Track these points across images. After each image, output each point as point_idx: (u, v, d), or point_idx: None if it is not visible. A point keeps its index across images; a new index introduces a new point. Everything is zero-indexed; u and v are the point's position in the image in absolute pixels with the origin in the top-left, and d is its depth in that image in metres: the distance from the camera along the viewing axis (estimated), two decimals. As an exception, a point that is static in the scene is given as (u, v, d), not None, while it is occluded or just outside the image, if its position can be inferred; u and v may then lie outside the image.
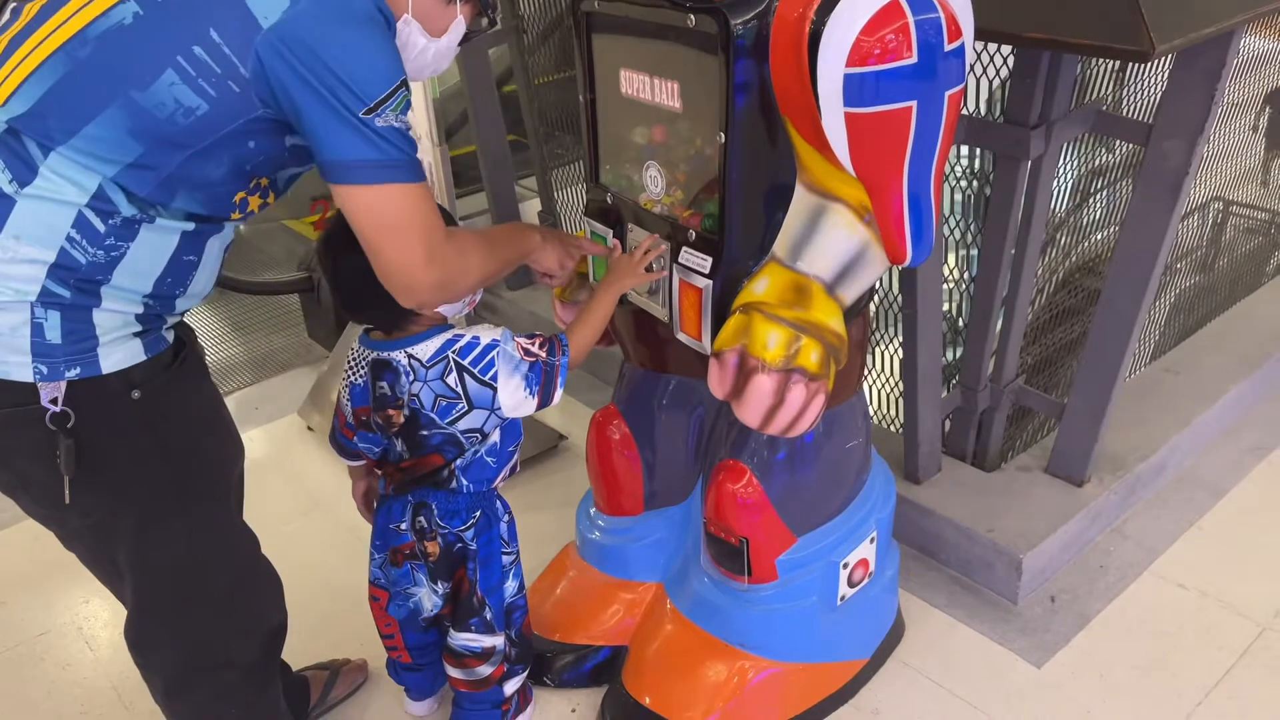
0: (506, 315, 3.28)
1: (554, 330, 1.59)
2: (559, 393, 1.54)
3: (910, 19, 1.28)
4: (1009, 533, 2.03)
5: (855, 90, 1.30)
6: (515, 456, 1.65)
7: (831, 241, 1.44)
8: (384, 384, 1.53)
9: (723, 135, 1.41)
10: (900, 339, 2.14)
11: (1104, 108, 1.97)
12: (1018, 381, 2.19)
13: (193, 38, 1.16)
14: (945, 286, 2.17)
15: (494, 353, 1.49)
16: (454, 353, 1.49)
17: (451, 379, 1.49)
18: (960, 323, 2.26)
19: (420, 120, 2.24)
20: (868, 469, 1.79)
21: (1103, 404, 2.02)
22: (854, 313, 1.55)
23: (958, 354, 2.25)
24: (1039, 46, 1.57)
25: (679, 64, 1.46)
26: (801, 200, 1.46)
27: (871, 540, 1.76)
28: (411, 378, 1.50)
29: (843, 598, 1.75)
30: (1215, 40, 1.56)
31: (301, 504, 2.51)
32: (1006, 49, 1.88)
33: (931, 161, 1.39)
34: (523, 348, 1.51)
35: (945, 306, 2.17)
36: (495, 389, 1.49)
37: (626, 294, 1.65)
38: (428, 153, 2.26)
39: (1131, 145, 2.04)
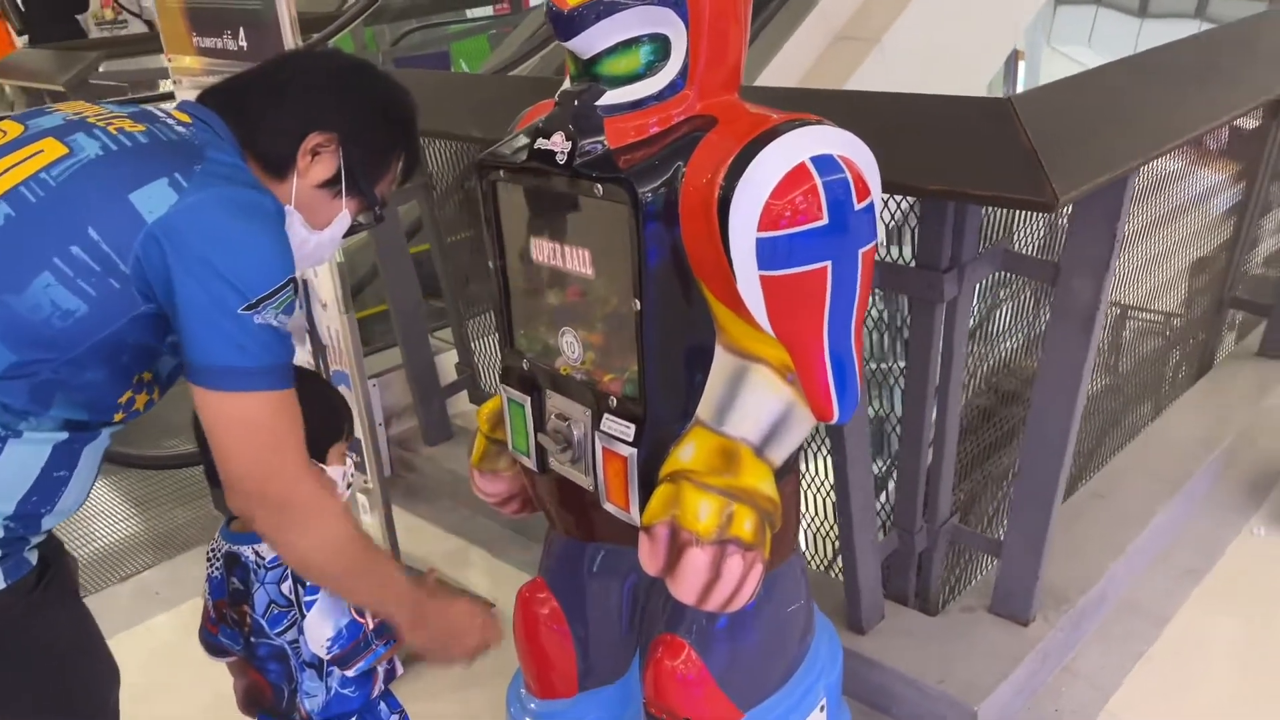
0: (425, 473, 3.16)
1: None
2: (360, 668, 1.43)
3: (818, 181, 1.28)
4: (960, 682, 1.95)
5: (768, 254, 1.29)
6: (386, 666, 1.53)
7: (756, 403, 1.40)
8: (235, 579, 1.45)
9: (638, 302, 1.37)
10: (824, 476, 2.11)
11: (1010, 246, 2.00)
12: (953, 520, 2.16)
13: (70, 238, 1.09)
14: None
15: None
16: None
17: (286, 586, 1.40)
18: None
19: (326, 286, 2.17)
20: (811, 630, 1.71)
21: (1040, 541, 1.99)
22: (785, 470, 1.50)
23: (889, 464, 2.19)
24: (946, 198, 1.59)
25: (589, 231, 1.43)
26: (722, 362, 1.42)
27: (822, 708, 1.67)
28: (255, 577, 1.40)
29: (795, 774, 1.64)
30: (1112, 183, 1.60)
31: (210, 702, 2.30)
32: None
33: (850, 318, 1.38)
34: None
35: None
36: (304, 616, 1.39)
37: (549, 462, 1.58)
38: (334, 320, 2.19)
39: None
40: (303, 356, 2.29)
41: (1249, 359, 3.24)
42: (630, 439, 1.44)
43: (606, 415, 1.47)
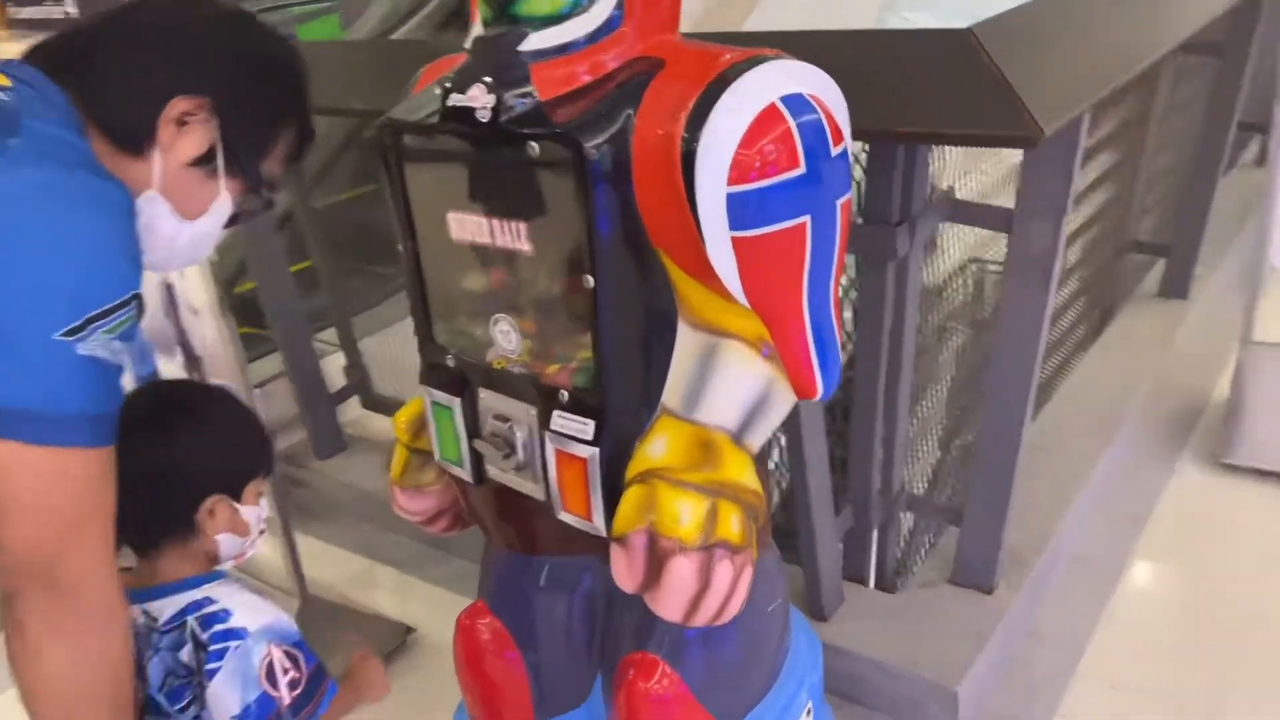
0: (318, 489, 2.88)
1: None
2: None
3: (791, 123, 1.11)
4: (934, 662, 1.84)
5: (740, 211, 1.11)
6: None
7: (731, 384, 1.23)
8: None
9: (591, 279, 1.18)
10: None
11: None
12: (909, 491, 2.05)
13: None
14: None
15: (234, 644, 1.17)
16: (196, 620, 1.16)
17: (186, 653, 1.16)
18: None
19: (196, 289, 1.88)
20: (790, 630, 1.56)
21: (1002, 505, 1.90)
22: (759, 458, 1.33)
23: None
24: (917, 141, 1.45)
25: (523, 200, 1.22)
26: (688, 340, 1.24)
27: (808, 713, 1.53)
28: (148, 644, 1.16)
29: (787, 788, 1.49)
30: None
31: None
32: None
33: (829, 280, 1.22)
34: (271, 665, 1.20)
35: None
36: (205, 685, 1.16)
37: (487, 470, 1.38)
38: (209, 326, 1.90)
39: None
40: (175, 370, 2.00)
41: (1150, 301, 3.27)
42: (589, 437, 1.25)
43: (557, 412, 1.27)
